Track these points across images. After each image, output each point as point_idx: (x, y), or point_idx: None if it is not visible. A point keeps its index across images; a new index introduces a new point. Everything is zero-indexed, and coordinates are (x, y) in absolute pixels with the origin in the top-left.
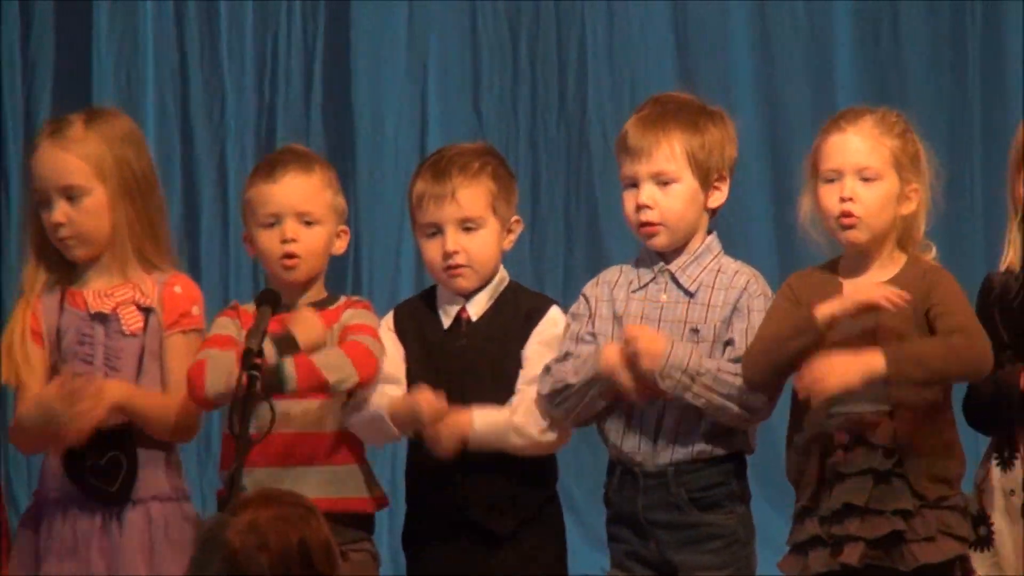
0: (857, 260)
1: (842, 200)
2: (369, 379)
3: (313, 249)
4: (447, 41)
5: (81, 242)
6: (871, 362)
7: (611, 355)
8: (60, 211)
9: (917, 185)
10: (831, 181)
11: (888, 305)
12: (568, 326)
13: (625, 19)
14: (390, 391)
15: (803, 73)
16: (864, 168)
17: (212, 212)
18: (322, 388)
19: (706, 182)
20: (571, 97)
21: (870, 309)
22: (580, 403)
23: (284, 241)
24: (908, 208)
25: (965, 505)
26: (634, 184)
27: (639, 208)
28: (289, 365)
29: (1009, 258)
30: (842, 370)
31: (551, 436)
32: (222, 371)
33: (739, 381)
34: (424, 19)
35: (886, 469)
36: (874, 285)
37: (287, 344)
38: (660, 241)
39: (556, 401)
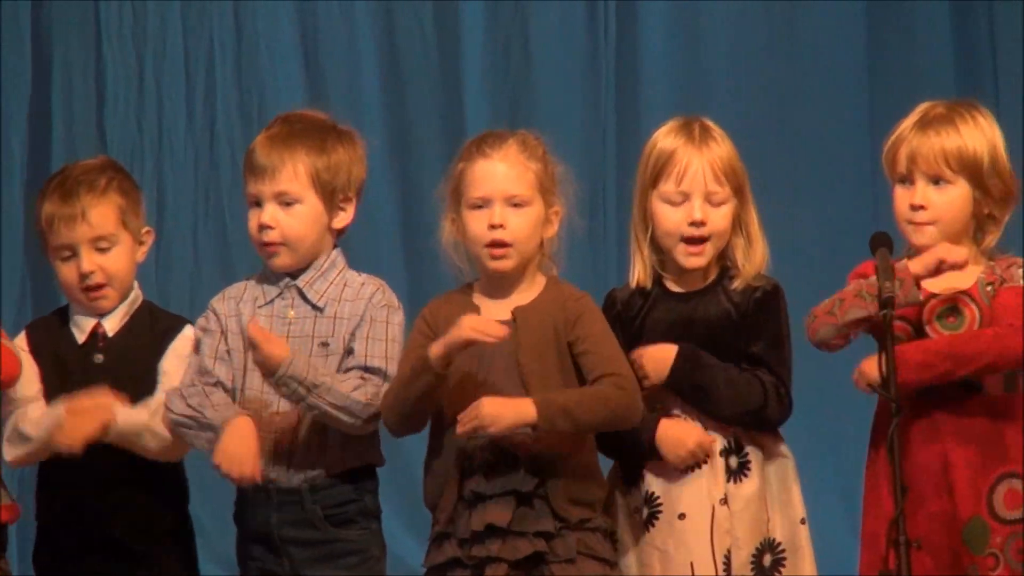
0: (497, 283)
1: (492, 227)
2: (9, 381)
3: None
4: (71, 56)
5: None
6: (523, 412)
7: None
8: None
9: (558, 207)
10: (479, 208)
11: (484, 337)
12: (199, 341)
13: (253, 34)
14: (33, 411)
15: (433, 92)
16: (513, 196)
17: None
18: None
19: (331, 203)
20: (199, 114)
21: (473, 343)
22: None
23: None
24: (551, 231)
25: (607, 527)
26: (258, 203)
27: (262, 228)
28: None
29: (638, 274)
30: (496, 415)
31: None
32: None
33: (355, 393)
34: (48, 32)
35: (528, 491)
36: (478, 319)
37: None
38: (281, 261)
39: (183, 426)
